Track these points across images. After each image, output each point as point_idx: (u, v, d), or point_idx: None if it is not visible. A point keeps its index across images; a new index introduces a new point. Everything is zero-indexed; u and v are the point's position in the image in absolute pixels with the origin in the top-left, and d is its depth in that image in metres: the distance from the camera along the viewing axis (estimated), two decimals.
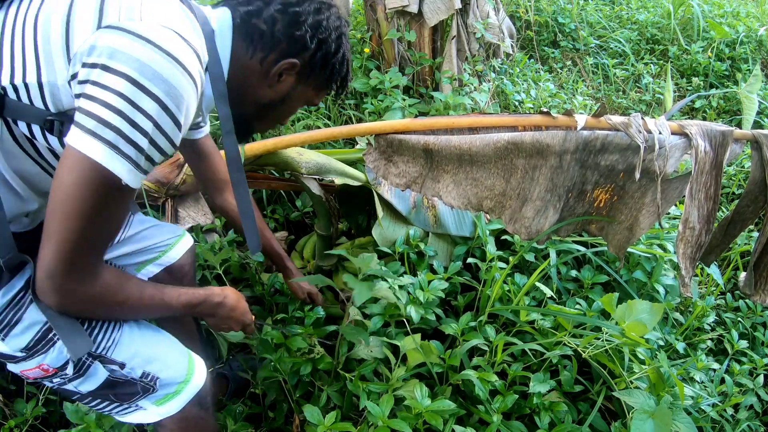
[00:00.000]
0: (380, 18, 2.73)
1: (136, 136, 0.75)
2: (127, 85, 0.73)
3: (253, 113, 1.03)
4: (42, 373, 0.92)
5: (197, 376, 1.06)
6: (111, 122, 0.73)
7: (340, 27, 1.03)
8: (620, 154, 1.35)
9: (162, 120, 0.76)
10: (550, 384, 1.34)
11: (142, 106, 0.74)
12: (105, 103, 0.73)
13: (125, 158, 0.75)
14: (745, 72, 3.75)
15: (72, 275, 0.80)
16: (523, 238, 1.49)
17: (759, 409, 1.66)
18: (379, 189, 1.77)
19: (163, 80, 0.74)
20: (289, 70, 0.98)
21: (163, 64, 0.74)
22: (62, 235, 0.76)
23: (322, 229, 1.90)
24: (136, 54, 0.73)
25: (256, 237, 1.08)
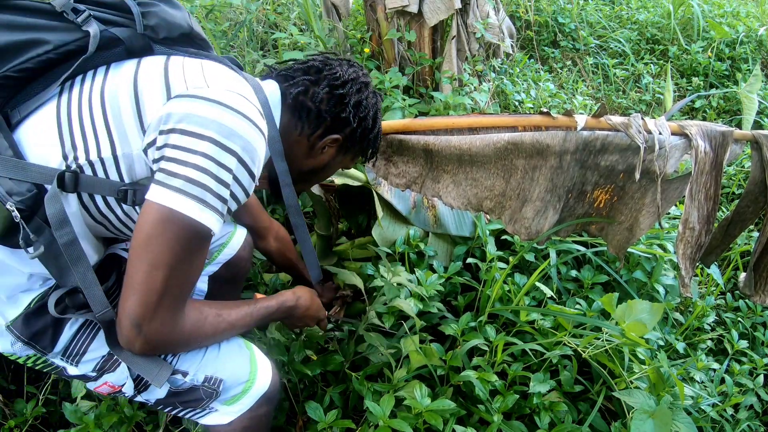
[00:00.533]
0: (380, 18, 2.73)
1: (221, 190, 0.82)
2: (208, 144, 0.79)
3: (295, 178, 1.09)
4: (110, 389, 1.00)
5: (262, 374, 1.07)
6: (198, 180, 0.79)
7: (376, 104, 1.13)
8: (620, 154, 1.35)
9: (240, 173, 0.83)
10: (550, 384, 1.34)
11: (224, 162, 0.81)
12: (189, 163, 0.79)
13: (213, 211, 0.82)
14: (745, 72, 3.75)
15: (158, 322, 0.83)
16: (522, 239, 1.49)
17: (759, 409, 1.66)
18: (379, 189, 1.77)
19: (239, 137, 0.81)
20: (331, 143, 1.08)
21: (236, 121, 0.81)
22: (149, 285, 0.80)
23: (322, 229, 1.90)
24: (211, 116, 0.80)
25: (317, 270, 1.21)
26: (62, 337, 0.93)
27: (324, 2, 3.02)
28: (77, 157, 0.84)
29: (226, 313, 0.99)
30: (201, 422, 1.06)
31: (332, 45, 2.89)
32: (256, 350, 1.09)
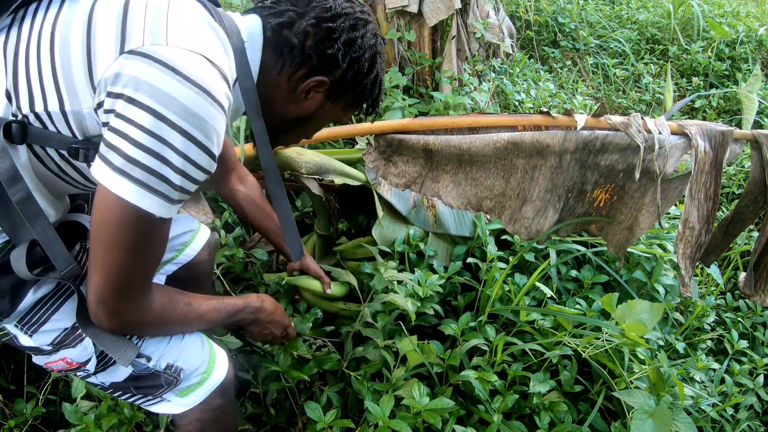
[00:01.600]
0: (380, 18, 2.73)
1: (167, 172, 0.74)
2: (154, 120, 0.71)
3: (277, 127, 1.00)
4: (66, 366, 0.94)
5: (219, 366, 1.07)
6: (139, 160, 0.72)
7: (375, 45, 0.98)
8: (620, 154, 1.35)
9: (193, 153, 0.75)
10: (550, 384, 1.34)
11: (170, 142, 0.72)
12: (131, 139, 0.71)
13: (157, 194, 0.74)
14: (745, 72, 3.75)
15: (123, 300, 0.82)
16: (522, 238, 1.49)
17: (759, 409, 1.66)
18: (379, 189, 1.77)
19: (191, 114, 0.72)
20: (317, 87, 0.94)
21: (190, 96, 0.72)
22: (108, 266, 0.78)
23: (322, 229, 1.90)
24: (162, 87, 0.71)
25: (298, 246, 1.09)
26: (23, 302, 0.87)
27: None
28: (21, 106, 0.76)
29: (196, 304, 0.97)
30: (151, 410, 1.05)
31: None
32: (214, 344, 1.10)
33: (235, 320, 1.09)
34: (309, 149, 1.78)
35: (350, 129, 1.49)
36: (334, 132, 1.51)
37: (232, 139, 2.12)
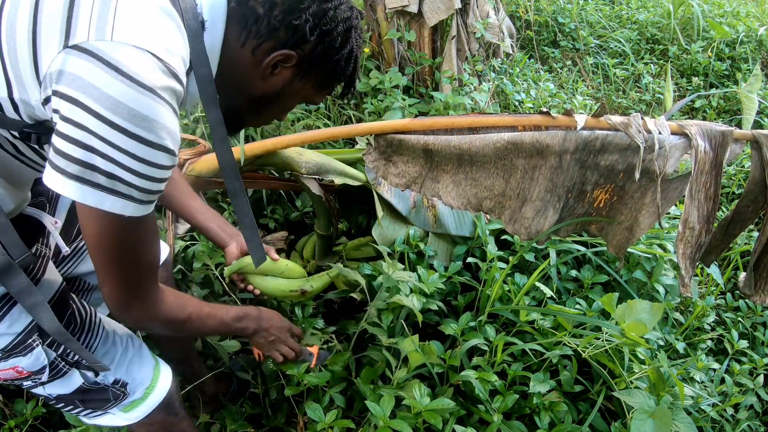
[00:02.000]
0: (380, 18, 2.73)
1: (123, 173, 0.72)
2: (103, 126, 0.68)
3: (244, 107, 0.94)
4: (15, 374, 0.93)
5: (162, 382, 1.08)
6: (94, 164, 0.70)
7: (349, 19, 0.90)
8: (620, 154, 1.35)
9: (146, 153, 0.72)
10: (550, 384, 1.34)
11: (122, 146, 0.70)
12: (83, 144, 0.69)
13: (118, 195, 0.73)
14: (745, 72, 3.75)
15: (136, 301, 0.86)
16: (522, 239, 1.49)
17: (759, 409, 1.66)
18: (379, 189, 1.77)
19: (140, 117, 0.69)
20: (284, 62, 0.87)
21: (137, 98, 0.69)
22: (108, 274, 0.82)
23: (322, 229, 1.90)
24: (107, 89, 0.67)
25: (260, 249, 1.05)
26: None
27: None
28: None
29: (205, 306, 1.03)
30: (93, 423, 1.07)
31: None
32: (160, 360, 1.12)
33: (241, 326, 1.13)
34: (309, 149, 1.78)
35: (350, 129, 1.49)
36: (334, 132, 1.51)
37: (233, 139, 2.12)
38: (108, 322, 1.06)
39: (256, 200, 2.21)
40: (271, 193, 2.27)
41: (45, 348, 0.92)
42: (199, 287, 1.69)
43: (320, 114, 2.66)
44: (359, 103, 2.77)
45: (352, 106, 2.76)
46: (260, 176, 1.94)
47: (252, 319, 1.16)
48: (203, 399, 1.51)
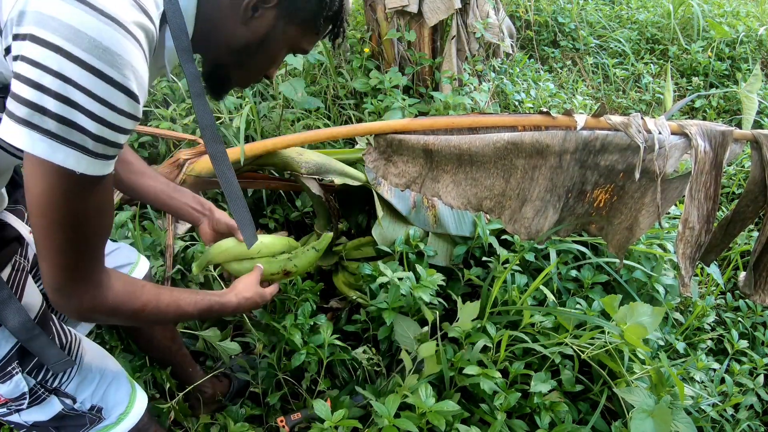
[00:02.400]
0: (380, 18, 2.73)
1: (77, 117, 0.63)
2: (58, 58, 0.60)
3: (228, 60, 0.86)
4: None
5: (137, 407, 1.08)
6: (45, 106, 0.61)
7: None
8: (620, 154, 1.35)
9: (105, 92, 0.63)
10: (551, 384, 1.34)
11: (79, 82, 0.61)
12: (35, 83, 0.61)
13: (70, 146, 0.64)
14: (745, 71, 3.75)
15: (76, 283, 0.76)
16: (522, 239, 1.49)
17: (759, 409, 1.66)
18: (379, 189, 1.77)
19: (102, 48, 0.62)
20: (264, 2, 0.81)
21: (99, 27, 0.61)
22: (49, 248, 0.72)
23: (321, 229, 1.90)
24: (67, 19, 0.60)
25: (251, 228, 0.96)
26: None
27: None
28: None
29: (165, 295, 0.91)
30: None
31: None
32: (137, 385, 1.11)
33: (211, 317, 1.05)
34: (309, 149, 1.78)
35: (350, 129, 1.49)
36: (334, 132, 1.51)
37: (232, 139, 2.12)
38: (88, 346, 1.03)
39: (256, 200, 2.21)
40: (271, 193, 2.27)
41: (24, 375, 0.89)
42: (199, 288, 1.69)
43: (320, 114, 2.66)
44: (359, 103, 2.77)
45: (352, 106, 2.76)
46: (260, 176, 1.94)
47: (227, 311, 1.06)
48: (203, 399, 1.51)
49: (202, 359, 1.70)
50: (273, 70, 0.94)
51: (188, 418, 1.48)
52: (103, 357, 1.06)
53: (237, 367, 1.61)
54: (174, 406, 1.42)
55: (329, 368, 1.60)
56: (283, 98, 2.42)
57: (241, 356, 1.64)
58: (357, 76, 2.75)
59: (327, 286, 1.91)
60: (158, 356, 1.46)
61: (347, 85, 2.77)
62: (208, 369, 1.63)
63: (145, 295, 0.87)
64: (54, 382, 0.94)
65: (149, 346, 1.43)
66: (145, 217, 1.89)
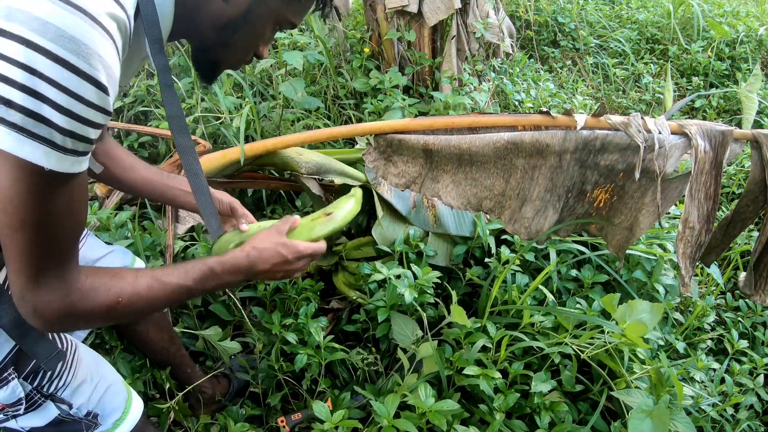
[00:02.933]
0: (380, 18, 2.73)
1: (44, 110, 0.61)
2: (25, 50, 0.59)
3: (214, 40, 0.84)
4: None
5: (132, 413, 1.08)
6: (11, 99, 0.60)
7: None
8: (620, 153, 1.35)
9: (73, 84, 0.62)
10: (551, 384, 1.34)
11: (45, 73, 0.60)
12: (2, 77, 0.59)
13: (38, 140, 0.62)
14: (745, 71, 3.75)
15: (42, 289, 0.71)
16: (522, 238, 1.49)
17: (759, 409, 1.66)
18: (379, 189, 1.77)
19: (68, 38, 0.60)
20: None
21: (66, 18, 0.60)
22: (13, 252, 0.68)
23: None
24: (35, 11, 0.59)
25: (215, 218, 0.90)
26: None
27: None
28: None
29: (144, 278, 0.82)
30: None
31: (332, 45, 2.89)
32: (133, 392, 1.11)
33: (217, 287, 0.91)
34: (309, 149, 1.78)
35: (350, 129, 1.49)
36: (333, 132, 1.51)
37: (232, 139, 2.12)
38: (84, 352, 1.01)
39: (256, 200, 2.21)
40: (271, 193, 2.27)
41: (21, 381, 0.89)
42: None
43: (320, 114, 2.66)
44: (359, 103, 2.77)
45: (352, 106, 2.76)
46: (260, 176, 1.94)
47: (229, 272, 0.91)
48: (203, 400, 1.51)
49: (201, 359, 1.70)
50: (263, 48, 0.91)
51: (188, 418, 1.48)
52: (100, 363, 1.06)
53: (237, 367, 1.61)
54: (174, 407, 1.42)
55: (329, 368, 1.60)
56: (283, 98, 2.42)
57: (241, 356, 1.64)
58: (357, 76, 2.75)
59: (327, 286, 1.91)
60: (156, 358, 1.46)
61: (347, 85, 2.77)
62: (208, 369, 1.63)
63: (118, 284, 0.79)
64: (50, 388, 0.93)
65: (146, 347, 1.43)
66: (145, 217, 1.89)
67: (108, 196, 1.79)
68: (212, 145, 2.14)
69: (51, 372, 0.92)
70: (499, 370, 1.39)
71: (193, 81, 2.48)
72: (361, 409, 1.44)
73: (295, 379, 1.55)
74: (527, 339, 1.44)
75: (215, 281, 0.90)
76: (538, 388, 1.32)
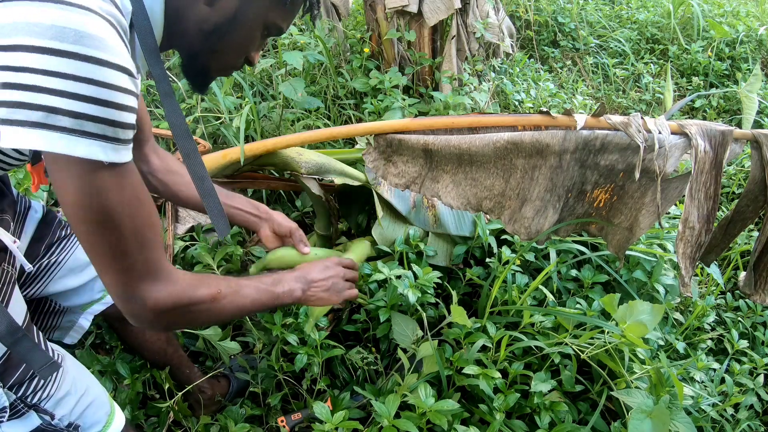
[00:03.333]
0: (380, 18, 2.73)
1: (84, 107, 0.62)
2: (39, 57, 0.60)
3: (202, 47, 0.84)
4: None
5: (113, 427, 1.08)
6: (54, 105, 0.61)
7: None
8: (620, 153, 1.35)
9: (98, 74, 0.63)
10: (551, 384, 1.34)
11: (69, 72, 0.61)
12: (31, 86, 0.61)
13: (89, 137, 0.64)
14: (745, 71, 3.75)
15: (146, 283, 0.74)
16: (522, 239, 1.49)
17: (759, 409, 1.66)
18: (379, 189, 1.77)
19: (72, 32, 0.61)
20: None
21: (67, 16, 0.61)
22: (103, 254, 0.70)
23: (321, 229, 1.90)
24: (35, 19, 0.60)
25: (223, 219, 0.92)
26: None
27: (323, 2, 3.02)
28: None
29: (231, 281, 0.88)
30: None
31: (332, 45, 2.89)
32: (116, 405, 1.11)
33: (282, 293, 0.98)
34: (309, 149, 1.78)
35: (350, 129, 1.49)
36: (333, 132, 1.51)
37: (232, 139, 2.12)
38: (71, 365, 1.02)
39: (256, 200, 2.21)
40: (271, 193, 2.27)
41: (6, 390, 0.90)
42: None
43: (320, 114, 2.66)
44: (359, 103, 2.77)
45: (352, 106, 2.76)
46: (260, 176, 1.94)
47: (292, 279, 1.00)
48: (203, 400, 1.51)
49: (201, 359, 1.70)
50: (254, 54, 0.90)
51: (188, 418, 1.48)
52: (85, 376, 1.06)
53: (237, 367, 1.61)
54: (173, 407, 1.41)
55: (329, 368, 1.60)
56: (283, 98, 2.42)
57: (240, 356, 1.64)
58: (357, 76, 2.75)
59: None
60: (154, 359, 1.45)
61: (347, 85, 2.77)
62: (208, 369, 1.63)
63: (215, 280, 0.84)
64: (33, 399, 0.94)
65: (143, 348, 1.43)
66: None
67: None
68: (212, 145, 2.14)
69: (35, 383, 0.92)
70: (499, 370, 1.39)
71: None
72: (361, 409, 1.44)
73: (295, 379, 1.55)
74: (527, 339, 1.44)
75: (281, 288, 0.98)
76: (538, 388, 1.32)
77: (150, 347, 1.42)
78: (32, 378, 0.93)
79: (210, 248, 1.72)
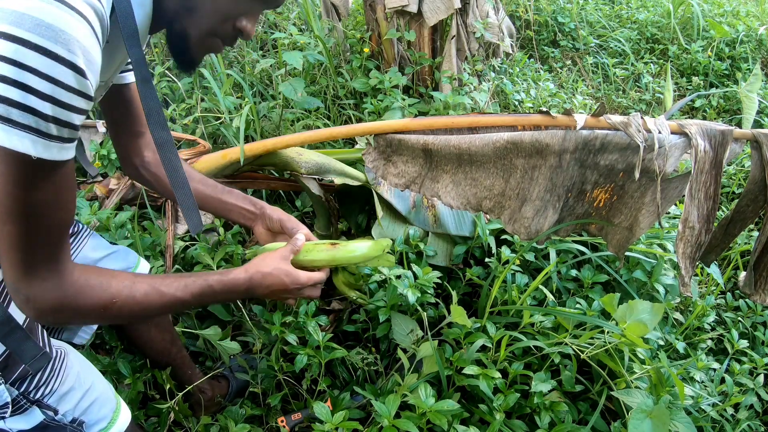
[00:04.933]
0: (380, 18, 2.73)
1: (30, 100, 0.62)
2: (6, 44, 0.60)
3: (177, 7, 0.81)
4: None
5: (119, 423, 1.08)
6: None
7: None
8: (620, 153, 1.35)
9: (51, 68, 0.62)
10: (551, 384, 1.34)
11: (28, 64, 0.61)
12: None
13: (23, 129, 0.63)
14: (745, 71, 3.75)
15: (34, 281, 0.73)
16: (522, 238, 1.49)
17: (759, 409, 1.66)
18: (379, 189, 1.77)
19: (44, 26, 0.61)
20: None
21: (42, 8, 0.61)
22: (6, 243, 0.69)
23: (321, 229, 1.90)
24: (12, 5, 0.61)
25: (195, 214, 0.89)
26: None
27: (323, 2, 3.02)
28: None
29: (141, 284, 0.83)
30: None
31: (332, 45, 2.89)
32: (121, 400, 1.10)
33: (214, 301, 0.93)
34: (308, 149, 1.78)
35: (350, 129, 1.49)
36: (333, 132, 1.51)
37: (232, 139, 2.12)
38: (75, 360, 1.02)
39: None
40: (271, 193, 2.27)
41: (7, 386, 0.89)
42: None
43: (320, 114, 2.66)
44: (359, 103, 2.77)
45: (351, 106, 2.76)
46: (260, 176, 1.94)
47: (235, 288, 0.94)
48: (203, 401, 1.51)
49: (201, 359, 1.70)
50: (246, 23, 0.85)
51: (188, 418, 1.48)
52: (90, 372, 1.06)
53: (237, 367, 1.61)
54: (173, 407, 1.42)
55: (329, 368, 1.60)
56: (283, 98, 2.42)
57: (240, 356, 1.64)
58: (357, 76, 2.75)
59: (327, 286, 1.91)
60: (157, 358, 1.46)
61: (347, 85, 2.77)
62: (208, 369, 1.63)
63: (115, 286, 0.81)
64: (36, 394, 0.93)
65: (147, 348, 1.43)
66: (145, 218, 1.89)
67: (108, 196, 1.79)
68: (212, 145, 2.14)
69: (38, 378, 0.92)
70: (499, 370, 1.39)
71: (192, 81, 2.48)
72: (361, 409, 1.44)
73: (295, 379, 1.55)
74: (527, 339, 1.44)
75: (213, 298, 0.93)
76: (538, 388, 1.32)
77: (155, 347, 1.42)
78: (35, 373, 0.93)
79: (210, 248, 1.72)
